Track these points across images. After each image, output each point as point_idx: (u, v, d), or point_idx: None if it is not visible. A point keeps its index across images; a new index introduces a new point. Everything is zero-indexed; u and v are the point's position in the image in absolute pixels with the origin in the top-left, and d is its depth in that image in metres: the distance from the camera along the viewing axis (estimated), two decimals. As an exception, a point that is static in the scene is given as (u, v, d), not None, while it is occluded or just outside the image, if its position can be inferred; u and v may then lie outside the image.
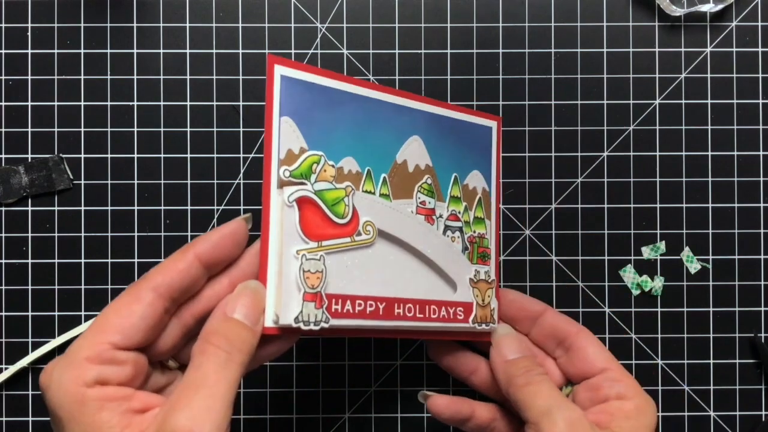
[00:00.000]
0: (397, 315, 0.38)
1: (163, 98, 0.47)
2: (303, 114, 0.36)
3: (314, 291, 0.35)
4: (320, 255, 0.35)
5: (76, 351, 0.31)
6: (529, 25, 0.47)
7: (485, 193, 0.43)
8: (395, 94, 0.40)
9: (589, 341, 0.42)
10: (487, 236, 0.42)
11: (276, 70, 0.36)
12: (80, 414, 0.30)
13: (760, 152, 0.47)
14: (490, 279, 0.42)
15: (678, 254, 0.47)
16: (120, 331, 0.31)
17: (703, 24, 0.48)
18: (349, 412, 0.47)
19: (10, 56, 0.47)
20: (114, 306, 0.32)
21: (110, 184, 0.47)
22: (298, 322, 0.34)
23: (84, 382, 0.30)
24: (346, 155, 0.37)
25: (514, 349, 0.41)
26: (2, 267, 0.47)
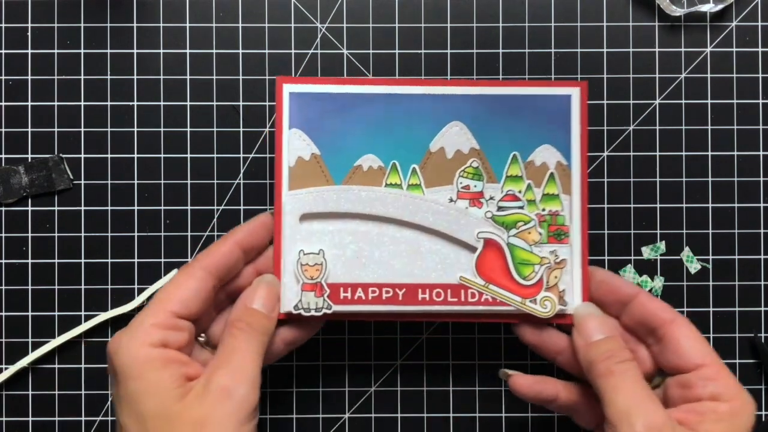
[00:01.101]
0: (422, 300, 0.40)
1: (163, 98, 0.47)
2: (313, 123, 0.41)
3: (313, 281, 0.40)
4: (319, 249, 0.40)
5: (142, 319, 0.36)
6: (529, 25, 0.47)
7: (561, 167, 0.41)
8: (429, 84, 0.41)
9: (683, 332, 0.39)
10: (563, 212, 0.41)
11: (284, 89, 0.41)
12: (144, 371, 0.35)
13: (760, 152, 0.47)
14: (558, 259, 0.41)
15: (678, 254, 0.47)
16: (179, 301, 0.37)
17: (703, 24, 0.48)
18: (349, 412, 0.47)
19: (10, 56, 0.47)
20: (173, 282, 0.38)
21: (110, 184, 0.47)
22: (297, 309, 0.40)
23: (150, 343, 0.35)
24: (365, 153, 0.41)
25: (596, 330, 0.39)
26: (2, 267, 0.47)
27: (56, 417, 0.47)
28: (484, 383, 0.47)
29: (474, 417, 0.47)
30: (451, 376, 0.47)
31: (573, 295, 0.41)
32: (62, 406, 0.47)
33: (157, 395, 0.35)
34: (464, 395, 0.47)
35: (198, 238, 0.47)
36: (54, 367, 0.47)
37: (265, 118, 0.47)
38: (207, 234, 0.47)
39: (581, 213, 0.41)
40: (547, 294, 0.41)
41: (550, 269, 0.41)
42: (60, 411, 0.47)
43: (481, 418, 0.47)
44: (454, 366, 0.47)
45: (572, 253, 0.41)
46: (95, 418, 0.47)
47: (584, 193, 0.41)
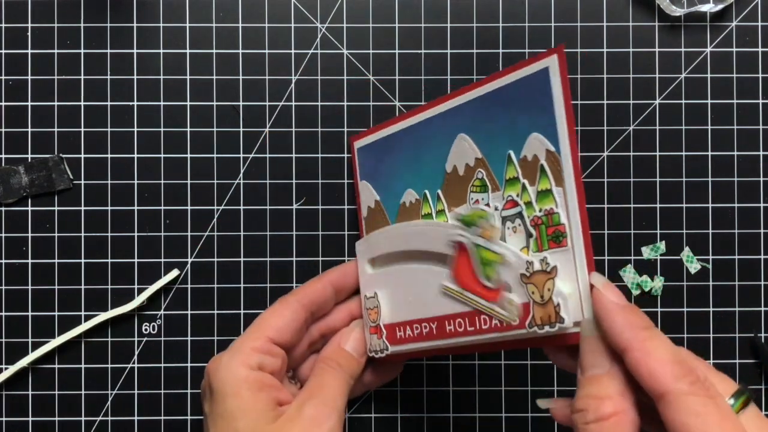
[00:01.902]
0: (449, 332, 0.38)
1: (163, 98, 0.47)
2: (372, 171, 0.43)
3: (375, 324, 0.42)
4: (374, 292, 0.42)
5: (242, 342, 0.39)
6: (529, 25, 0.47)
7: (550, 156, 0.34)
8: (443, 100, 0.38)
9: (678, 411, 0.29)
10: (558, 209, 0.33)
11: (355, 146, 0.43)
12: (241, 390, 0.36)
13: (760, 152, 0.47)
14: (548, 267, 0.33)
15: (678, 254, 0.47)
16: (275, 328, 0.39)
17: (703, 24, 0.48)
18: (349, 412, 0.47)
19: (10, 56, 0.47)
20: (269, 311, 0.40)
21: (110, 184, 0.47)
22: (371, 352, 0.42)
23: (249, 365, 0.37)
24: (406, 189, 0.41)
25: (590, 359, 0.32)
26: (2, 267, 0.47)
27: (56, 417, 0.47)
28: (484, 383, 0.47)
29: (474, 417, 0.47)
30: (451, 377, 0.47)
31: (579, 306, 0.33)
32: (62, 406, 0.47)
33: (252, 414, 0.36)
34: (464, 395, 0.47)
35: (198, 238, 0.47)
36: (54, 367, 0.47)
37: (265, 118, 0.47)
38: (207, 234, 0.47)
39: (578, 205, 0.33)
40: (509, 296, 0.34)
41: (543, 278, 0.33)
42: (60, 411, 0.47)
43: (481, 418, 0.47)
44: (455, 366, 0.47)
45: (574, 255, 0.33)
46: (95, 418, 0.47)
47: (578, 178, 0.33)
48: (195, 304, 0.47)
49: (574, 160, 0.33)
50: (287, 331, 0.40)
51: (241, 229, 0.47)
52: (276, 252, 0.47)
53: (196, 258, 0.47)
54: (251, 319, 0.47)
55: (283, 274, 0.47)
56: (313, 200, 0.47)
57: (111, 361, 0.47)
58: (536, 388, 0.47)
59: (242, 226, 0.47)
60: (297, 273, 0.47)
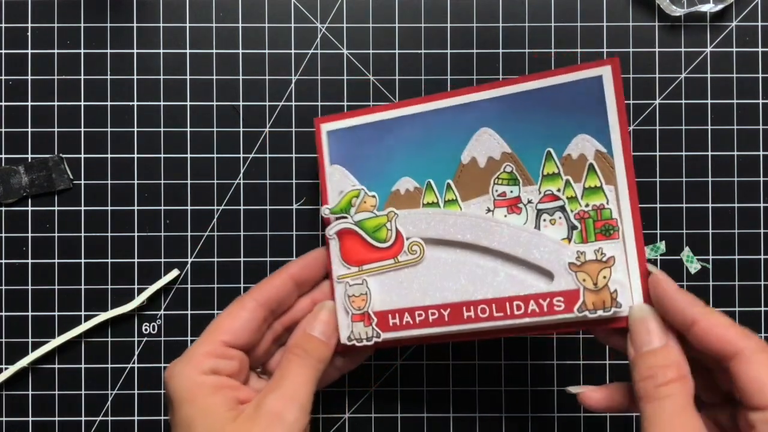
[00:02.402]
0: (468, 318, 0.39)
1: (163, 98, 0.47)
2: (352, 156, 0.41)
3: (361, 312, 0.40)
4: (362, 279, 0.40)
5: (195, 348, 0.38)
6: (529, 25, 0.47)
7: (600, 156, 0.38)
8: (453, 95, 0.40)
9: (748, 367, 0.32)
10: (609, 205, 0.38)
11: (322, 128, 0.42)
12: (197, 396, 0.36)
13: (760, 152, 0.47)
14: (605, 257, 0.37)
15: (678, 254, 0.47)
16: (230, 331, 0.38)
17: (703, 24, 0.48)
18: (349, 412, 0.47)
19: (10, 56, 0.47)
20: (224, 313, 0.39)
21: (110, 184, 0.47)
22: (351, 340, 0.41)
23: (201, 371, 0.37)
24: (401, 177, 0.41)
25: (647, 337, 0.35)
26: (2, 267, 0.47)
27: (56, 417, 0.47)
28: (484, 383, 0.47)
29: (474, 417, 0.47)
30: (452, 377, 0.47)
31: (630, 294, 0.37)
32: (62, 406, 0.47)
33: (209, 418, 0.36)
34: (464, 395, 0.47)
35: (198, 238, 0.47)
36: (54, 367, 0.47)
37: (265, 118, 0.47)
38: (207, 234, 0.47)
39: (630, 202, 0.38)
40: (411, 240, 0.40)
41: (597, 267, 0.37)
42: (60, 411, 0.47)
43: (481, 418, 0.47)
44: (455, 366, 0.47)
45: (625, 248, 0.37)
46: (95, 418, 0.47)
47: (631, 180, 0.38)
48: (195, 304, 0.47)
49: (627, 160, 0.38)
50: (243, 333, 0.39)
51: (241, 229, 0.47)
52: (276, 252, 0.47)
53: (196, 258, 0.47)
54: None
55: (283, 274, 0.47)
56: (313, 200, 0.47)
57: (111, 361, 0.47)
58: (536, 388, 0.47)
59: (242, 226, 0.47)
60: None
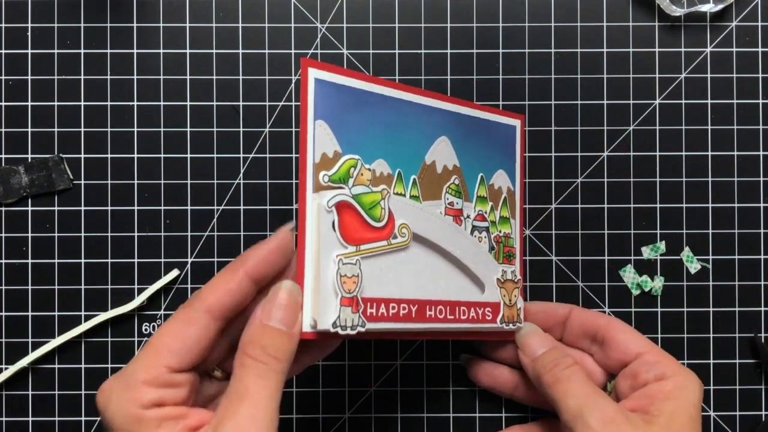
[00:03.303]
0: (429, 317, 0.38)
1: (163, 98, 0.47)
2: (337, 117, 0.36)
3: (351, 295, 0.35)
4: (356, 259, 0.35)
5: (133, 373, 0.31)
6: (529, 25, 0.47)
7: (510, 192, 0.44)
8: (423, 94, 0.40)
9: (619, 329, 0.42)
10: (512, 236, 0.43)
11: (310, 73, 0.36)
12: (137, 430, 0.31)
13: (760, 152, 0.47)
14: (516, 279, 0.43)
15: (678, 254, 0.47)
16: (176, 353, 0.32)
17: (703, 24, 0.48)
18: (349, 412, 0.47)
19: (10, 56, 0.47)
20: (168, 328, 0.32)
21: (110, 184, 0.47)
22: (335, 327, 0.34)
23: (141, 404, 0.31)
24: (378, 157, 0.38)
25: (538, 345, 0.41)
26: (2, 267, 0.47)
27: (56, 417, 0.47)
28: (484, 383, 0.47)
29: (474, 417, 0.47)
30: (451, 377, 0.47)
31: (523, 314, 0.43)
32: (62, 406, 0.47)
33: None
34: (464, 395, 0.47)
35: (198, 238, 0.47)
36: (54, 367, 0.47)
37: (265, 118, 0.47)
38: (207, 234, 0.47)
39: (520, 237, 0.44)
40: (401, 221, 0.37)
41: (512, 286, 0.42)
42: (60, 411, 0.47)
43: (481, 418, 0.47)
44: (454, 366, 0.47)
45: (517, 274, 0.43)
46: (95, 418, 0.47)
47: (521, 217, 0.44)
48: (195, 304, 0.47)
49: (521, 203, 0.44)
50: (191, 354, 0.32)
51: (241, 229, 0.47)
52: (276, 252, 0.47)
53: (196, 258, 0.47)
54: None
55: (283, 274, 0.47)
56: (313, 200, 0.47)
57: (111, 361, 0.47)
58: (536, 388, 0.47)
59: (242, 226, 0.47)
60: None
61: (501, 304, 0.42)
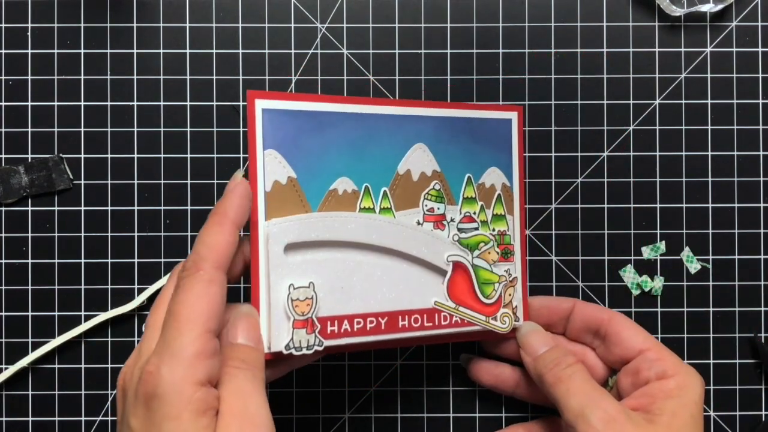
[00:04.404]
0: (402, 327, 0.40)
1: (163, 98, 0.47)
2: (290, 143, 0.37)
3: (304, 318, 0.37)
4: (309, 282, 0.37)
5: (182, 345, 0.31)
6: (529, 25, 0.47)
7: (505, 188, 0.43)
8: (394, 104, 0.40)
9: (622, 325, 0.42)
10: (509, 232, 0.43)
11: (257, 104, 0.37)
12: (184, 413, 0.31)
13: (760, 152, 0.47)
14: (510, 277, 0.43)
15: (678, 254, 0.47)
16: (213, 315, 0.32)
17: (703, 24, 0.48)
18: (349, 412, 0.47)
19: (10, 56, 0.47)
20: (188, 295, 0.33)
21: (110, 184, 0.47)
22: (289, 349, 0.36)
23: (196, 381, 0.31)
24: (340, 176, 0.39)
25: (540, 344, 0.42)
26: (2, 267, 0.47)
27: (56, 417, 0.47)
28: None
29: (474, 417, 0.47)
30: (451, 376, 0.47)
31: (520, 310, 0.43)
32: (62, 406, 0.47)
33: None
34: (464, 395, 0.47)
35: (198, 238, 0.47)
36: (54, 367, 0.47)
37: (265, 118, 0.47)
38: (207, 234, 0.47)
39: (521, 233, 0.44)
40: (505, 311, 0.42)
41: (506, 287, 0.42)
42: (60, 411, 0.47)
43: (481, 418, 0.47)
44: (454, 366, 0.47)
45: (517, 270, 0.43)
46: (95, 418, 0.47)
47: (522, 212, 0.44)
48: (195, 304, 0.47)
49: (521, 196, 0.44)
50: (221, 314, 0.33)
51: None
52: (276, 252, 0.47)
53: (196, 258, 0.47)
54: (251, 319, 0.47)
55: (283, 274, 0.47)
56: (313, 200, 0.47)
57: (111, 361, 0.47)
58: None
59: (242, 226, 0.47)
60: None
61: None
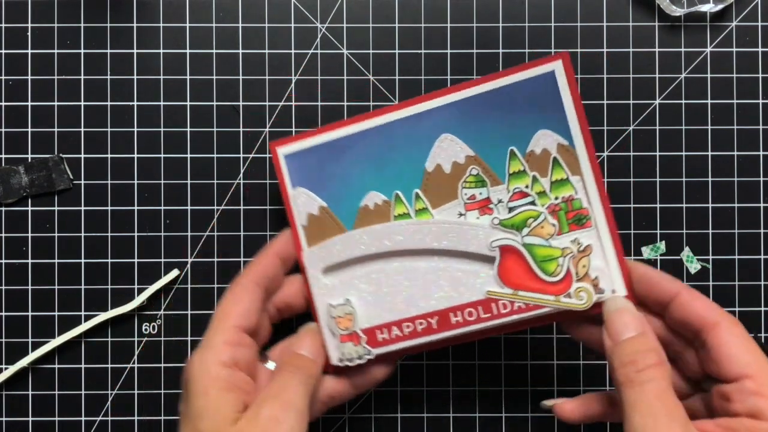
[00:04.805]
0: (456, 323, 0.39)
1: (163, 98, 0.47)
2: (314, 177, 0.41)
3: (348, 332, 0.40)
4: (345, 299, 0.40)
5: (212, 337, 0.38)
6: (529, 25, 0.47)
7: (562, 149, 0.38)
8: (411, 104, 0.40)
9: (726, 338, 0.35)
10: (578, 196, 0.38)
11: (279, 153, 0.41)
12: (210, 389, 0.36)
13: (760, 152, 0.47)
14: (581, 247, 0.38)
15: (678, 254, 0.47)
16: (240, 315, 0.38)
17: (703, 24, 0.48)
18: (349, 412, 0.47)
19: (10, 56, 0.47)
20: (229, 299, 0.39)
21: (110, 184, 0.47)
22: (342, 361, 0.41)
23: (221, 362, 0.37)
24: (367, 191, 0.40)
25: (623, 327, 0.36)
26: (2, 267, 0.47)
27: (56, 417, 0.47)
28: (484, 383, 0.47)
29: (474, 417, 0.47)
30: (452, 377, 0.47)
31: (610, 281, 0.38)
32: (62, 406, 0.47)
33: (215, 415, 0.35)
34: (464, 395, 0.47)
35: (198, 238, 0.47)
36: (54, 367, 0.47)
37: (265, 118, 0.47)
38: (207, 234, 0.47)
39: (598, 190, 0.38)
40: (581, 284, 0.38)
41: (576, 259, 0.38)
42: (60, 411, 0.47)
43: (481, 418, 0.47)
44: (454, 366, 0.47)
45: (599, 235, 0.38)
46: (95, 418, 0.47)
47: (595, 168, 0.38)
48: (195, 304, 0.47)
49: (590, 152, 0.38)
50: (251, 315, 0.39)
51: (241, 229, 0.47)
52: (276, 252, 0.47)
53: (196, 258, 0.47)
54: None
55: (283, 274, 0.47)
56: (313, 200, 0.47)
57: (111, 361, 0.47)
58: (536, 388, 0.47)
59: (242, 226, 0.47)
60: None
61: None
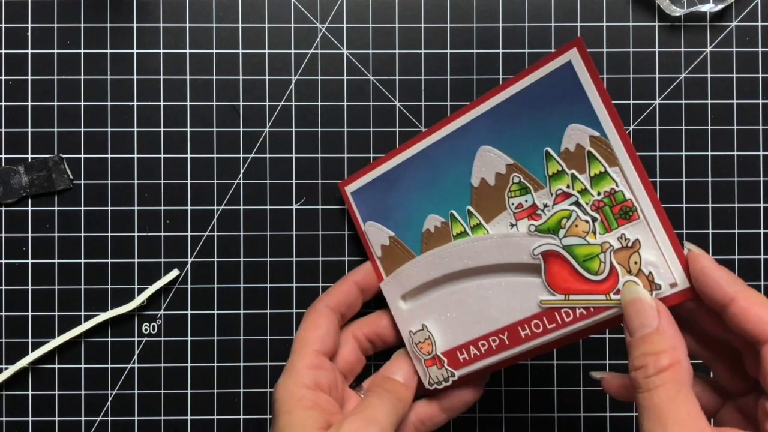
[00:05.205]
0: (526, 337, 0.39)
1: (163, 98, 0.47)
2: (378, 209, 0.43)
3: (430, 356, 0.42)
4: (421, 324, 0.42)
5: (294, 363, 0.40)
6: (529, 25, 0.47)
7: (595, 141, 0.36)
8: (448, 122, 0.40)
9: None
10: (620, 187, 0.36)
11: (347, 191, 0.44)
12: (295, 407, 0.38)
13: (760, 152, 0.47)
14: (629, 242, 0.36)
15: (678, 254, 0.47)
16: (318, 340, 0.40)
17: (703, 24, 0.48)
18: (349, 412, 0.47)
19: (10, 56, 0.47)
20: (307, 326, 0.41)
21: (110, 184, 0.47)
22: (431, 385, 0.42)
23: (303, 384, 0.39)
24: (427, 215, 0.41)
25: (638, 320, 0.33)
26: (2, 267, 0.47)
27: (56, 417, 0.47)
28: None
29: (474, 417, 0.47)
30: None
31: (669, 271, 0.35)
32: (62, 406, 0.47)
33: (299, 430, 0.37)
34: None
35: (198, 238, 0.47)
36: (54, 367, 0.47)
37: (265, 118, 0.47)
38: (207, 234, 0.47)
39: (640, 178, 0.35)
40: (629, 278, 0.35)
41: (627, 253, 0.36)
42: (60, 411, 0.47)
43: (481, 418, 0.47)
44: (454, 366, 0.47)
45: (649, 227, 0.35)
46: (95, 418, 0.47)
47: (632, 155, 0.35)
48: (195, 304, 0.47)
49: (623, 137, 0.35)
50: (329, 340, 0.41)
51: (241, 229, 0.47)
52: (276, 252, 0.47)
53: (196, 258, 0.47)
54: (251, 319, 0.47)
55: (283, 274, 0.47)
56: (313, 200, 0.47)
57: (111, 361, 0.47)
58: (536, 388, 0.47)
59: (242, 226, 0.47)
60: (297, 273, 0.47)
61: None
